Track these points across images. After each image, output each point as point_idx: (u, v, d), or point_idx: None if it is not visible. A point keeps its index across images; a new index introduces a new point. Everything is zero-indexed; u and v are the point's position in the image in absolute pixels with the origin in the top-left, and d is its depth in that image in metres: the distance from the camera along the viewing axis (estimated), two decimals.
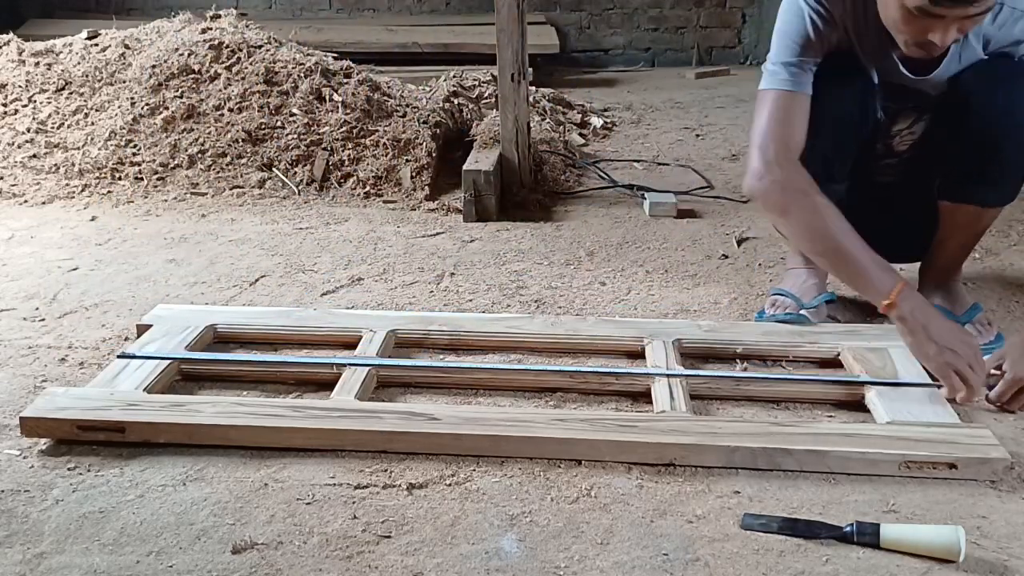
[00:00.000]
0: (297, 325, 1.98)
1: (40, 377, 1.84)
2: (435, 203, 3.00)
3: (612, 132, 4.11)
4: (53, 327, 2.08)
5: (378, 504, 1.43)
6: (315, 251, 2.59)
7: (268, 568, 1.29)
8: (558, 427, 1.56)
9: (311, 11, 5.98)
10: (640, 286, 2.32)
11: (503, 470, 1.51)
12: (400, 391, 1.79)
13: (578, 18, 6.02)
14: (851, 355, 1.82)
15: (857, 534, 1.33)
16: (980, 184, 1.87)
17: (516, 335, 1.94)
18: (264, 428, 1.57)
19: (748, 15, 6.02)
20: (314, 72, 3.36)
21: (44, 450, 1.57)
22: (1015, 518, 1.39)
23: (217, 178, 3.13)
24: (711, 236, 2.71)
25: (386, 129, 3.21)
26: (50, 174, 3.15)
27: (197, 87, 3.32)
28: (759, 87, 1.82)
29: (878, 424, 1.60)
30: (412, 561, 1.30)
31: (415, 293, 2.29)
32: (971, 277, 2.28)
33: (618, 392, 1.76)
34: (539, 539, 1.35)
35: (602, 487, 1.47)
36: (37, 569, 1.29)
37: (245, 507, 1.42)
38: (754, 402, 1.74)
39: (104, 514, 1.41)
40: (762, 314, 2.07)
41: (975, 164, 1.83)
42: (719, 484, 1.48)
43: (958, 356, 1.60)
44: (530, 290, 2.30)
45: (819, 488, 1.47)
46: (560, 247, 2.62)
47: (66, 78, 3.46)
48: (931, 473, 1.48)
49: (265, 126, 3.22)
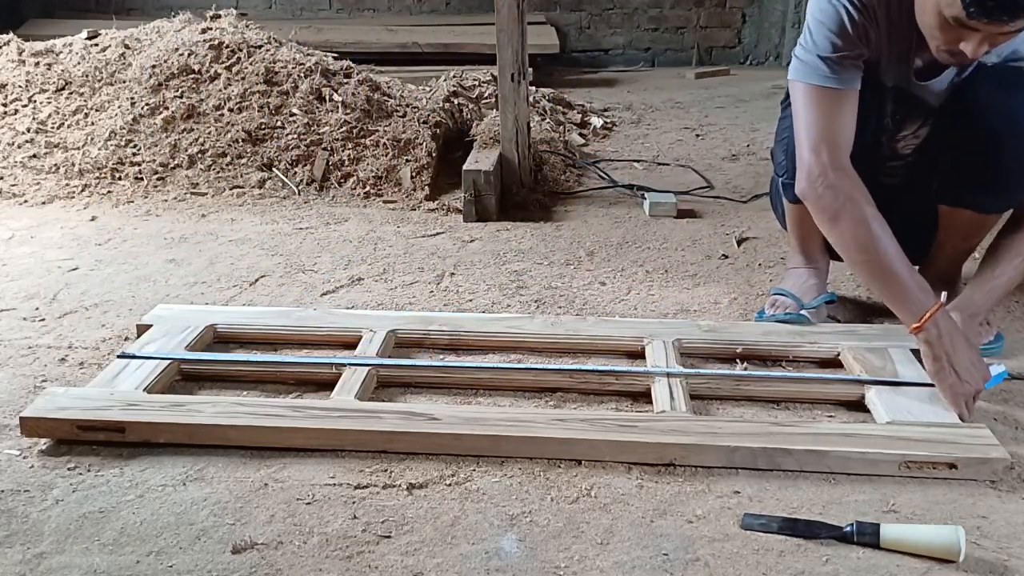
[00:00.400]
0: (297, 325, 1.98)
1: (40, 377, 1.84)
2: (435, 203, 3.00)
3: (612, 132, 4.11)
4: (53, 327, 2.08)
5: (378, 504, 1.43)
6: (315, 251, 2.59)
7: (268, 568, 1.29)
8: (558, 427, 1.56)
9: (311, 11, 5.98)
10: (640, 286, 2.32)
11: (503, 470, 1.51)
12: (400, 391, 1.79)
13: (578, 18, 6.02)
14: (851, 355, 1.82)
15: (857, 534, 1.33)
16: (978, 191, 1.87)
17: (516, 335, 1.94)
18: (264, 428, 1.57)
19: (748, 15, 6.03)
20: (314, 72, 3.36)
21: (44, 450, 1.58)
22: (1015, 518, 1.39)
23: (217, 178, 3.13)
24: (711, 236, 2.71)
25: (386, 129, 3.22)
26: (50, 174, 3.15)
27: (197, 87, 3.32)
28: (793, 76, 1.75)
29: (878, 424, 1.61)
30: (412, 561, 1.30)
31: (415, 293, 2.29)
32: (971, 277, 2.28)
33: (618, 392, 1.76)
34: (539, 539, 1.35)
35: (602, 487, 1.47)
36: (37, 569, 1.29)
37: (245, 507, 1.42)
38: (754, 402, 1.74)
39: (104, 514, 1.41)
40: (762, 314, 2.07)
41: (974, 170, 1.83)
42: (719, 484, 1.48)
43: (973, 388, 1.60)
44: (530, 290, 2.30)
45: (819, 488, 1.47)
46: (560, 247, 2.62)
47: (66, 78, 3.46)
48: (931, 473, 1.48)
49: (265, 126, 3.22)
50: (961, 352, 1.60)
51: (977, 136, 1.78)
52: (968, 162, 1.83)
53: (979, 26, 1.50)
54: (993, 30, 1.51)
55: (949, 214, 1.95)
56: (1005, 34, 1.53)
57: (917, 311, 1.60)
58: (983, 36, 1.53)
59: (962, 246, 2.03)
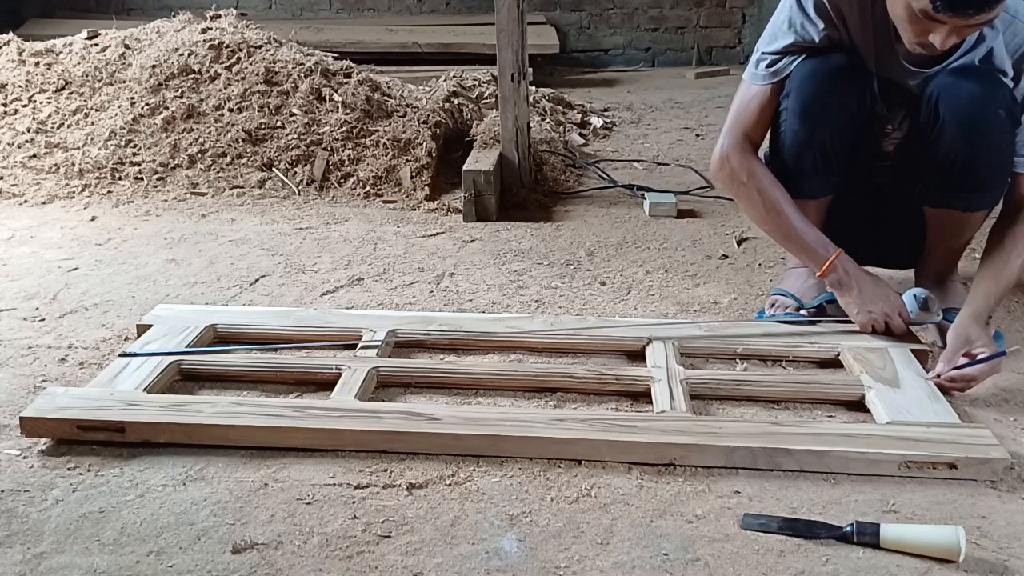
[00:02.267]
0: (297, 325, 1.98)
1: (40, 377, 1.84)
2: (435, 203, 3.00)
3: (612, 132, 4.11)
4: (53, 327, 2.08)
5: (378, 504, 1.43)
6: (315, 251, 2.59)
7: (268, 568, 1.29)
8: (558, 427, 1.56)
9: (311, 11, 5.99)
10: (640, 286, 2.32)
11: (503, 470, 1.51)
12: (400, 391, 1.79)
13: (578, 18, 6.02)
14: (851, 355, 1.82)
15: (857, 534, 1.33)
16: (958, 192, 1.89)
17: (516, 335, 1.94)
18: (264, 428, 1.57)
19: (748, 15, 6.03)
20: (314, 72, 3.36)
21: (44, 450, 1.57)
22: (1015, 518, 1.39)
23: (217, 178, 3.13)
24: (711, 236, 2.71)
25: (386, 129, 3.22)
26: (50, 174, 3.15)
27: (197, 87, 3.32)
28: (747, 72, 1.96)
29: (878, 424, 1.61)
30: (412, 561, 1.30)
31: (415, 293, 2.29)
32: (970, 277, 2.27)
33: (618, 392, 1.76)
34: (539, 539, 1.35)
35: (602, 487, 1.47)
36: (37, 569, 1.29)
37: (245, 507, 1.42)
38: (754, 402, 1.74)
39: (104, 514, 1.41)
40: (762, 314, 2.07)
41: (950, 174, 1.86)
42: (719, 484, 1.48)
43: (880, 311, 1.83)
44: (530, 290, 2.30)
45: (819, 488, 1.47)
46: (560, 247, 2.62)
47: (66, 78, 3.46)
48: (931, 473, 1.48)
49: (265, 126, 3.22)
50: (866, 285, 1.86)
51: (947, 142, 1.81)
52: (943, 166, 1.85)
53: (945, 19, 1.58)
54: (959, 22, 1.59)
55: (935, 215, 1.97)
56: (971, 26, 1.62)
57: (820, 260, 1.85)
58: (950, 28, 1.61)
59: (954, 243, 2.04)
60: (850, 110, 1.87)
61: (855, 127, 1.90)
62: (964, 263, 2.16)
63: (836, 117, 1.87)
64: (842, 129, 1.88)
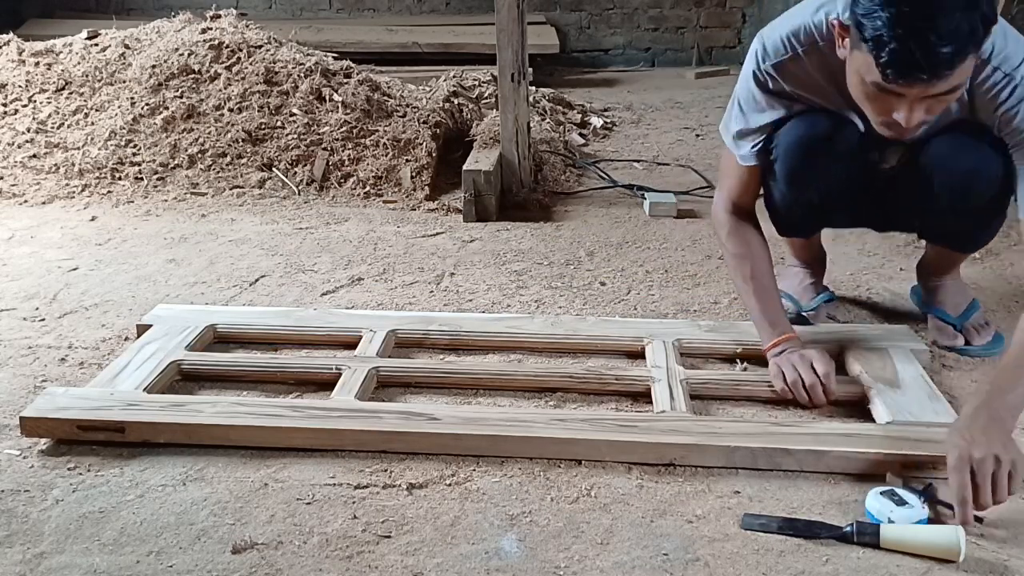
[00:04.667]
0: (297, 325, 1.98)
1: (40, 377, 1.84)
2: (435, 203, 3.00)
3: (612, 132, 4.11)
4: (53, 327, 2.08)
5: (378, 504, 1.43)
6: (315, 251, 2.59)
7: (268, 568, 1.29)
8: (558, 427, 1.56)
9: (311, 11, 5.98)
10: (640, 286, 2.32)
11: (503, 470, 1.51)
12: (400, 391, 1.79)
13: (578, 18, 6.02)
14: (851, 355, 1.82)
15: (857, 534, 1.33)
16: (952, 239, 1.95)
17: (516, 335, 1.94)
18: (264, 428, 1.57)
19: (748, 15, 6.02)
20: (314, 72, 3.36)
21: (44, 450, 1.57)
22: (1015, 518, 1.39)
23: (217, 178, 3.13)
24: (711, 236, 2.71)
25: (386, 129, 3.21)
26: (50, 174, 3.15)
27: (197, 87, 3.32)
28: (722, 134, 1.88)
29: (878, 424, 1.60)
30: (412, 561, 1.30)
31: (415, 293, 2.29)
32: (971, 277, 2.28)
33: (618, 392, 1.76)
34: (539, 539, 1.35)
35: (602, 487, 1.47)
36: (37, 569, 1.29)
37: (245, 507, 1.42)
38: (754, 402, 1.74)
39: (104, 514, 1.41)
40: None
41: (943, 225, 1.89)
42: (719, 484, 1.48)
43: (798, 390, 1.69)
44: (530, 290, 2.30)
45: (819, 488, 1.47)
46: (560, 247, 2.62)
47: (66, 78, 3.45)
48: (931, 473, 1.48)
49: (265, 126, 3.22)
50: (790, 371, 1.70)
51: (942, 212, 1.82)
52: (939, 224, 1.89)
53: (900, 89, 1.42)
54: (917, 92, 1.42)
55: (932, 244, 2.03)
56: (934, 96, 1.44)
57: (766, 340, 1.78)
58: (911, 101, 1.44)
59: (953, 260, 2.05)
60: (839, 173, 1.81)
61: (846, 180, 1.84)
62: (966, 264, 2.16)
63: (824, 181, 1.82)
64: (831, 189, 1.84)
